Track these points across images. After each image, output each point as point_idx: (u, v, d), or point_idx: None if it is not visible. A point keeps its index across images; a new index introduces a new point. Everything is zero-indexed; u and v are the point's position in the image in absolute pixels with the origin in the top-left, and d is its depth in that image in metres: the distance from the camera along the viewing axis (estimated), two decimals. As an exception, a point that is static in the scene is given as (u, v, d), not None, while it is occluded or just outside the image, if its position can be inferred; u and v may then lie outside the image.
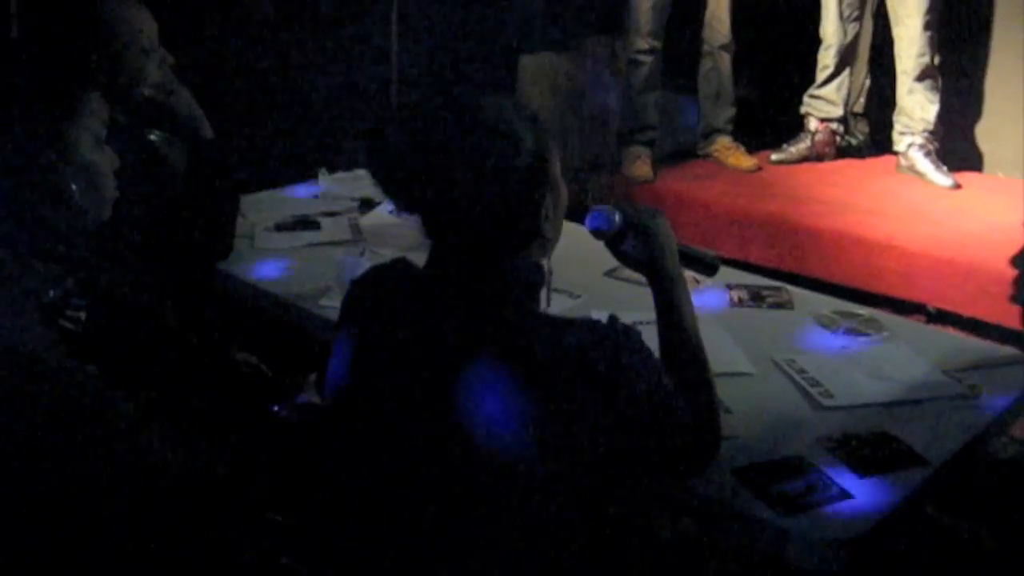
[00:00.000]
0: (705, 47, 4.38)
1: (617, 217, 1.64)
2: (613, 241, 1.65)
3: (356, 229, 2.76)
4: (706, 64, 4.40)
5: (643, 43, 4.24)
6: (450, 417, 1.38)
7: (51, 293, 1.59)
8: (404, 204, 1.44)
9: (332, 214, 2.88)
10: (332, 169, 3.20)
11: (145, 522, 1.48)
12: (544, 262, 1.50)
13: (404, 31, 4.43)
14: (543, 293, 1.50)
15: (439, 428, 1.39)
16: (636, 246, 1.63)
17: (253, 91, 3.87)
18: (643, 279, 1.67)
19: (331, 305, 2.24)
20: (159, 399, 1.67)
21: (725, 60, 4.38)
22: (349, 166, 3.22)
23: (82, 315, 1.62)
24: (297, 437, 1.84)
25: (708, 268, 1.77)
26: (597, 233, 1.66)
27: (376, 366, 1.47)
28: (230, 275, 2.48)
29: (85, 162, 1.62)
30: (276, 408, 1.91)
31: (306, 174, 3.21)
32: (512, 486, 1.36)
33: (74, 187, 1.60)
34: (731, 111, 4.48)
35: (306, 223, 2.81)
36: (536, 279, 1.46)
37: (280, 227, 2.77)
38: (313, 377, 2.02)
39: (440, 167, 1.39)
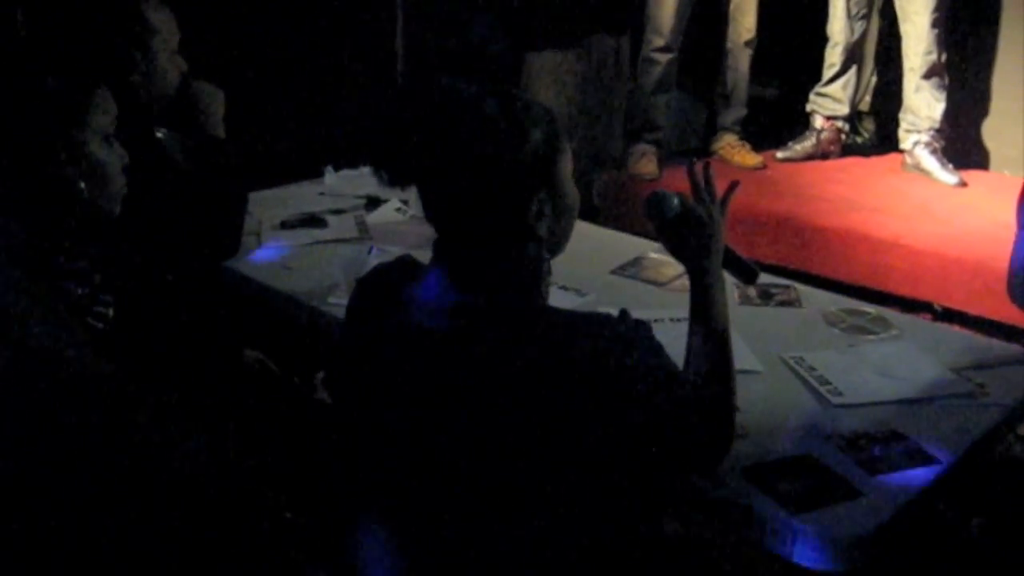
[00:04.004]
0: (728, 44, 4.36)
1: (676, 203, 1.62)
2: (666, 226, 1.64)
3: (363, 227, 2.76)
4: (725, 62, 4.39)
5: (661, 41, 4.22)
6: (458, 411, 1.38)
7: (79, 291, 1.59)
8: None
9: (338, 212, 2.88)
10: (338, 167, 3.20)
11: (172, 519, 1.49)
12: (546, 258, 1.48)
13: (409, 29, 4.43)
14: (543, 288, 1.48)
15: (446, 421, 1.39)
16: (687, 238, 1.62)
17: (259, 88, 3.87)
18: (650, 277, 1.67)
19: (338, 303, 2.24)
20: (183, 397, 1.67)
21: (745, 58, 4.36)
22: (355, 163, 3.22)
23: (110, 312, 1.62)
24: (307, 435, 1.84)
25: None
26: (653, 215, 1.64)
27: (383, 364, 1.47)
28: (237, 273, 2.49)
29: (93, 159, 1.62)
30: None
31: (312, 172, 3.21)
32: (519, 479, 1.36)
33: (83, 185, 1.61)
34: (742, 111, 4.48)
35: (312, 221, 2.81)
36: (539, 271, 1.45)
37: (286, 225, 2.78)
38: (321, 375, 2.02)
39: (437, 140, 1.38)
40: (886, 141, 4.61)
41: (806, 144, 4.48)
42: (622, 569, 1.46)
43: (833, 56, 4.34)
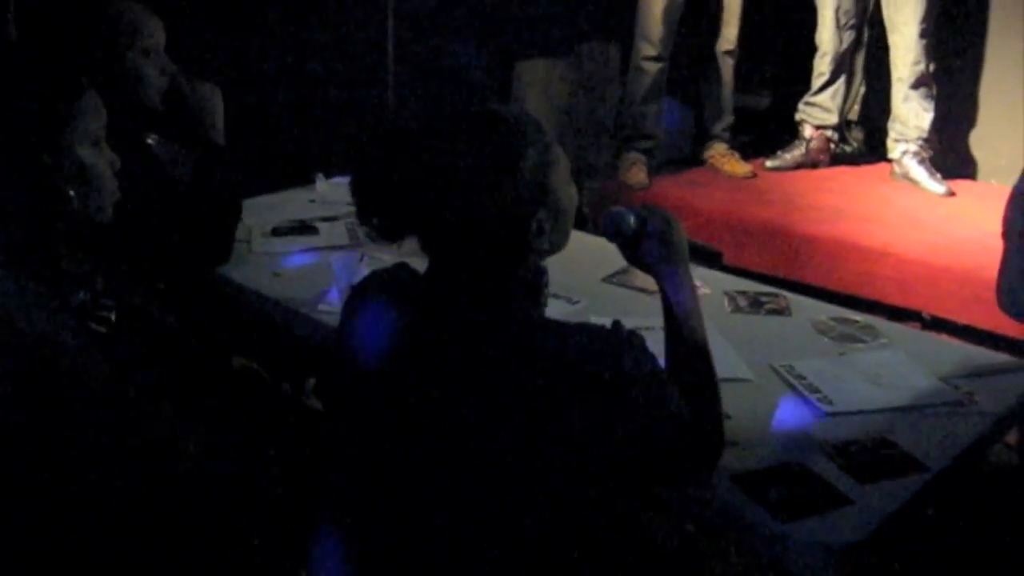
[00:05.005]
0: (715, 52, 4.38)
1: (631, 220, 1.62)
2: (626, 244, 1.64)
3: (354, 234, 2.76)
4: (708, 70, 4.41)
5: (651, 50, 4.22)
6: (451, 422, 1.38)
7: (80, 295, 1.58)
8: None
9: (330, 219, 2.88)
10: (329, 174, 3.20)
11: (172, 521, 1.48)
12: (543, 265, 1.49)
13: (400, 35, 4.44)
14: (543, 299, 1.49)
15: (440, 433, 1.39)
16: (649, 250, 1.62)
17: (250, 96, 3.87)
18: (642, 284, 1.67)
19: (328, 310, 2.24)
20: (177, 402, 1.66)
21: (728, 67, 4.38)
22: (346, 171, 3.21)
23: (112, 316, 1.62)
24: (299, 441, 1.84)
25: (711, 259, 1.76)
26: (611, 235, 1.64)
27: (377, 372, 1.47)
28: (228, 280, 2.48)
29: (82, 164, 1.61)
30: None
31: (303, 179, 3.21)
32: (514, 490, 1.36)
33: (71, 192, 1.60)
34: (729, 119, 4.49)
35: (304, 228, 2.81)
36: (538, 282, 1.46)
37: (277, 232, 2.77)
38: (312, 382, 2.02)
39: (434, 191, 1.38)
40: (875, 150, 4.63)
41: (795, 153, 4.50)
42: (614, 576, 1.46)
43: (822, 65, 4.36)
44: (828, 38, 4.30)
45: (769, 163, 4.50)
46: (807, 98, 4.45)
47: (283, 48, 4.15)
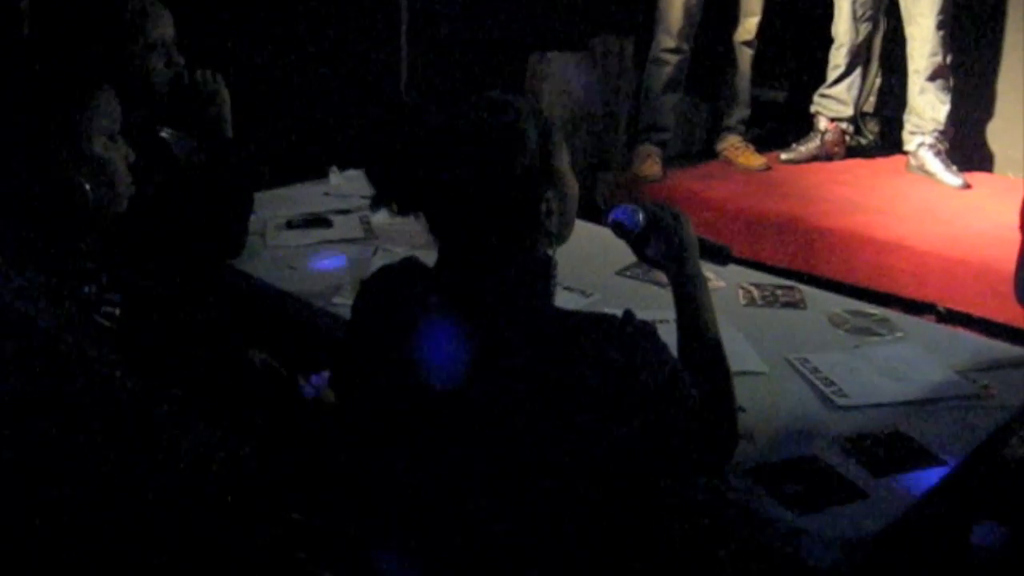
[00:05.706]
0: (732, 42, 4.36)
1: (640, 216, 1.62)
2: (636, 241, 1.64)
3: (368, 227, 2.77)
4: (725, 60, 4.39)
5: (671, 42, 4.21)
6: (463, 411, 1.38)
7: (85, 289, 1.59)
8: (403, 204, 1.44)
9: (343, 212, 2.88)
10: (343, 167, 3.20)
11: (177, 516, 1.49)
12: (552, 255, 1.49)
13: (414, 27, 4.44)
14: (552, 286, 1.49)
15: (452, 420, 1.39)
16: (659, 246, 1.62)
17: (263, 88, 3.87)
18: (655, 278, 1.66)
19: (343, 303, 2.24)
20: (188, 395, 1.67)
21: (746, 56, 4.36)
22: (360, 163, 3.21)
23: (117, 311, 1.62)
24: (312, 434, 1.84)
25: (721, 257, 1.76)
26: (620, 232, 1.64)
27: (389, 364, 1.48)
28: (241, 272, 2.49)
29: (96, 158, 1.62)
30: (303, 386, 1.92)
31: (317, 171, 3.21)
32: (527, 477, 1.36)
33: (87, 186, 1.60)
34: (746, 112, 4.47)
35: (317, 221, 2.82)
36: (546, 272, 1.46)
37: (291, 224, 2.78)
38: (326, 375, 2.02)
39: (442, 167, 1.39)
40: (890, 143, 4.61)
41: (810, 145, 4.48)
42: (629, 569, 1.46)
43: (838, 58, 4.34)
44: (844, 30, 4.28)
45: (784, 155, 4.48)
46: (822, 90, 4.44)
47: (297, 39, 4.15)
